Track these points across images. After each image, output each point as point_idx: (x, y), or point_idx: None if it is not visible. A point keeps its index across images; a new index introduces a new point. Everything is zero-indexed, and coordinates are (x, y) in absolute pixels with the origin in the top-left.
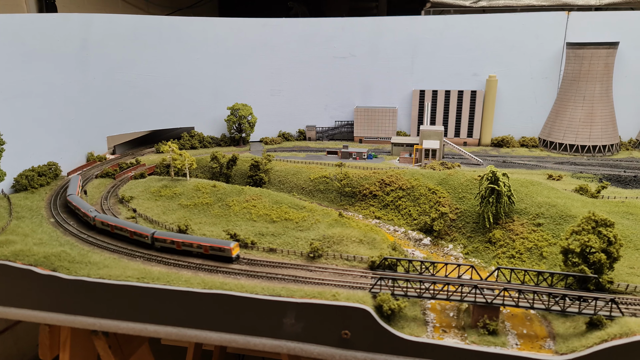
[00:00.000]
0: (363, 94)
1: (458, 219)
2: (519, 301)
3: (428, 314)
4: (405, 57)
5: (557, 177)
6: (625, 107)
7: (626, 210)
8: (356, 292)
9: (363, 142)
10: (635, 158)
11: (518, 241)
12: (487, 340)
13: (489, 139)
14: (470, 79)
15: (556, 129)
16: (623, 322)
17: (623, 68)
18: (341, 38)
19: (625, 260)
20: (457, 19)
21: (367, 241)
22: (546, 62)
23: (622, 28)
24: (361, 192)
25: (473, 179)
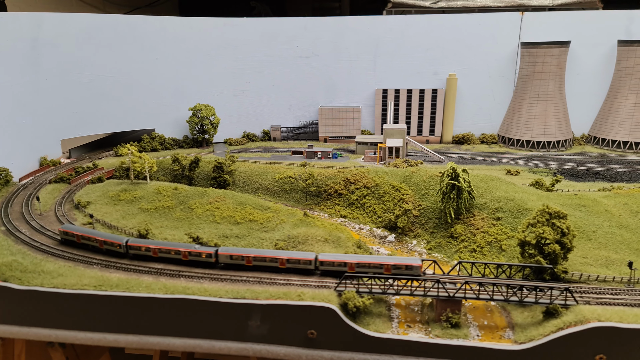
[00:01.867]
0: (327, 93)
1: (421, 215)
2: (479, 293)
3: (393, 310)
4: (367, 56)
5: (515, 172)
6: (577, 103)
7: (579, 202)
8: (322, 291)
9: (328, 142)
10: (587, 152)
11: (479, 235)
12: (450, 333)
13: (450, 137)
14: (431, 78)
15: (513, 126)
16: (578, 310)
17: (575, 66)
18: (304, 38)
19: (578, 250)
20: (417, 19)
21: (332, 240)
22: (502, 61)
23: (573, 28)
24: (326, 192)
25: (435, 175)
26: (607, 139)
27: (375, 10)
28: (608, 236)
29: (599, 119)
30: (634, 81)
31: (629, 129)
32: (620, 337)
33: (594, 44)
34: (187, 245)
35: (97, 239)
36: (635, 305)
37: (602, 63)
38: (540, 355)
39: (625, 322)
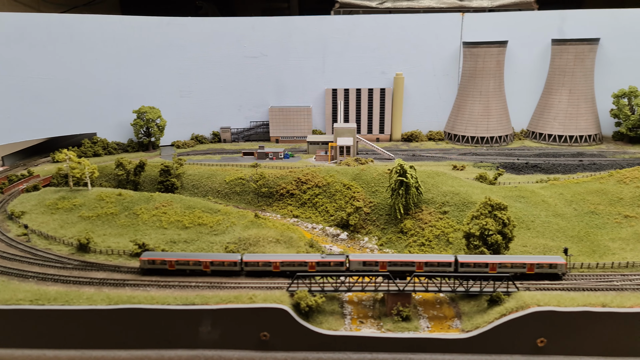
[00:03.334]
0: (277, 93)
1: (372, 212)
2: (428, 286)
3: (346, 307)
4: (316, 56)
5: (461, 167)
6: (516, 100)
7: (518, 194)
8: (273, 292)
9: (280, 142)
10: (526, 146)
11: (427, 229)
12: (401, 327)
13: (399, 134)
14: (379, 77)
15: (458, 123)
16: (519, 297)
17: (513, 64)
18: (252, 38)
19: (519, 240)
20: (363, 19)
21: (284, 240)
22: (446, 60)
23: (511, 28)
24: (278, 192)
25: (384, 173)
26: (544, 133)
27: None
28: (545, 225)
29: (536, 115)
30: (566, 78)
31: (563, 124)
32: (559, 320)
33: (530, 43)
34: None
35: (201, 261)
36: (571, 290)
37: (538, 61)
38: (486, 342)
39: (563, 305)
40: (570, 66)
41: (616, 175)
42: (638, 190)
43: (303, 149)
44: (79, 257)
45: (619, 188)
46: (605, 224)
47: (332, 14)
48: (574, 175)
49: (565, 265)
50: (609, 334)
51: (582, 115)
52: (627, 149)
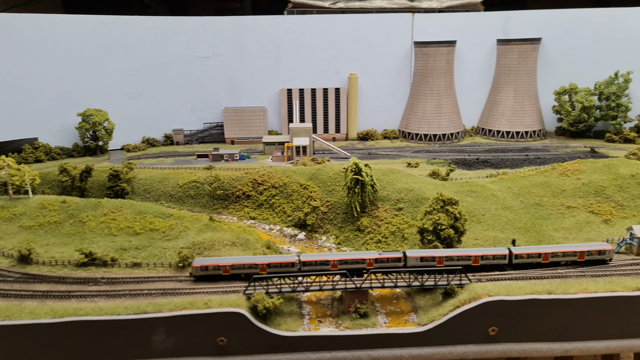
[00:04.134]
0: (231, 94)
1: (329, 211)
2: (384, 282)
3: (304, 307)
4: (269, 56)
5: (415, 164)
6: (466, 98)
7: (469, 189)
8: (230, 296)
9: (235, 143)
10: (477, 143)
11: (383, 226)
12: (359, 324)
13: (355, 133)
14: (334, 77)
15: (412, 121)
16: (471, 288)
17: (462, 64)
18: (203, 38)
19: (470, 233)
20: (315, 19)
21: (240, 243)
22: (398, 59)
23: (459, 28)
24: (234, 194)
25: (340, 171)
26: (492, 130)
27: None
28: (495, 218)
29: (485, 112)
30: (511, 77)
31: (510, 120)
32: (508, 308)
33: (477, 43)
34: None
35: (257, 263)
36: (519, 279)
37: (485, 60)
38: (441, 334)
39: (511, 294)
40: (515, 65)
41: (559, 168)
42: (579, 182)
43: (259, 150)
44: (20, 269)
45: (562, 180)
46: (549, 214)
47: (286, 13)
48: (521, 170)
49: (612, 251)
50: (556, 320)
51: (527, 112)
52: (569, 143)
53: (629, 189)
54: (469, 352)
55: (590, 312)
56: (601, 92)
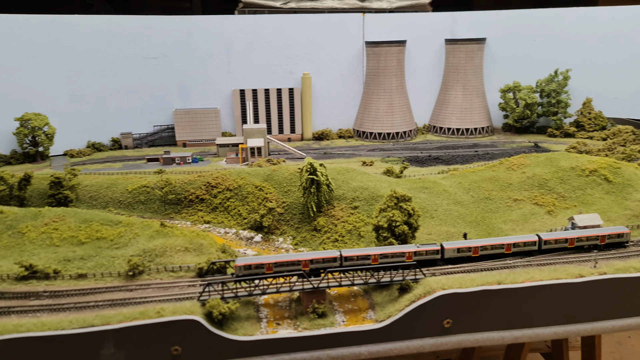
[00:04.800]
0: (182, 96)
1: (286, 212)
2: (341, 281)
3: (262, 310)
4: (220, 56)
5: (370, 162)
6: (417, 97)
7: (422, 185)
8: (184, 303)
9: (187, 146)
10: (429, 140)
11: (339, 225)
12: (318, 324)
13: (310, 133)
14: (287, 77)
15: (366, 120)
16: (425, 283)
17: (412, 63)
18: (150, 37)
19: (424, 228)
20: (267, 19)
21: (193, 248)
22: (351, 59)
23: (408, 28)
24: (187, 198)
25: (296, 172)
26: (443, 127)
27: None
28: (447, 213)
29: (436, 110)
30: (460, 75)
31: (460, 118)
32: (461, 300)
33: (426, 43)
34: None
35: (300, 260)
36: (472, 271)
37: (434, 59)
38: (398, 328)
39: (464, 287)
40: (462, 64)
41: (505, 163)
42: (524, 176)
43: (213, 152)
44: None
45: (508, 174)
46: (498, 208)
47: (236, 13)
48: (471, 165)
49: (629, 234)
50: (506, 309)
51: (475, 109)
52: (515, 139)
53: (570, 180)
54: (425, 345)
55: (538, 300)
56: (542, 89)
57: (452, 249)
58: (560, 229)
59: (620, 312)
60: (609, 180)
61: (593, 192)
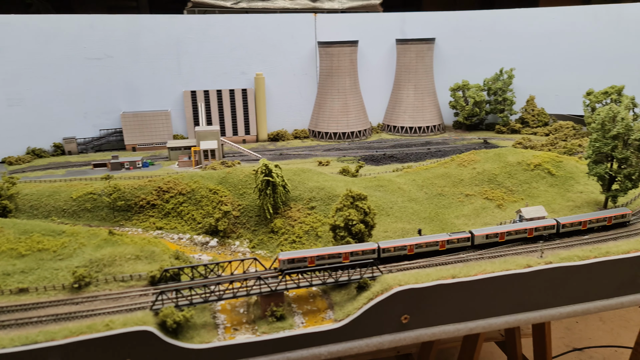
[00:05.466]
0: (129, 98)
1: (241, 215)
2: (299, 282)
3: (218, 317)
4: (170, 57)
5: (326, 162)
6: (371, 96)
7: (377, 183)
8: (135, 314)
9: (137, 150)
10: (383, 139)
11: (297, 226)
12: (277, 327)
13: (265, 134)
14: (240, 78)
15: (321, 120)
16: (383, 280)
17: (365, 63)
18: (93, 37)
19: (380, 226)
20: (217, 19)
21: (145, 256)
22: (304, 59)
23: (360, 28)
24: (137, 204)
25: (251, 174)
26: (397, 126)
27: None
28: (402, 210)
29: (389, 109)
30: (411, 75)
31: (412, 116)
32: (418, 296)
33: (378, 43)
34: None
35: (340, 252)
36: (427, 266)
37: (386, 59)
38: (358, 327)
39: (420, 282)
40: (413, 64)
41: (457, 160)
42: (474, 172)
43: (164, 156)
44: None
45: (460, 170)
46: (450, 203)
47: (185, 13)
48: (424, 162)
49: (631, 214)
50: (461, 302)
51: (427, 107)
52: (465, 136)
53: (517, 175)
54: (384, 342)
55: (490, 291)
56: (489, 87)
57: (481, 235)
58: (509, 222)
59: (567, 299)
60: (552, 174)
61: (538, 185)
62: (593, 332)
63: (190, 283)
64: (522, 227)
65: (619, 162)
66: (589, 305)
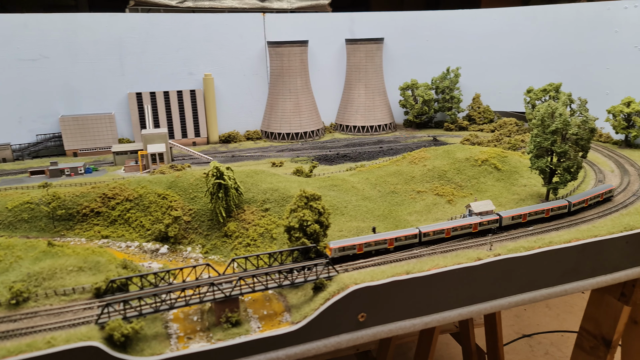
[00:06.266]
0: (68, 101)
1: (193, 220)
2: (255, 286)
3: (171, 326)
4: (111, 57)
5: (279, 163)
6: (323, 96)
7: (331, 183)
8: (79, 329)
9: (79, 155)
10: (336, 139)
11: (251, 229)
12: (232, 333)
13: (216, 136)
14: (188, 79)
15: (273, 120)
16: (339, 279)
17: (315, 63)
18: (26, 37)
19: (335, 226)
20: (162, 18)
21: (89, 267)
22: (254, 59)
23: (310, 28)
24: (80, 212)
25: (202, 177)
26: (349, 125)
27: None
28: (356, 209)
29: (341, 109)
30: (361, 74)
31: (364, 116)
32: (374, 293)
33: (328, 43)
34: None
35: (386, 239)
36: (382, 264)
37: (336, 59)
38: (315, 328)
39: (376, 279)
40: (363, 63)
41: (408, 157)
42: (425, 169)
43: (109, 161)
44: None
45: (411, 168)
46: (403, 200)
47: (127, 11)
48: (377, 161)
49: (614, 189)
50: (415, 297)
51: (378, 107)
52: (415, 134)
53: (465, 171)
54: (342, 341)
55: (443, 285)
56: (437, 86)
57: (508, 217)
58: (459, 217)
59: (516, 288)
60: (498, 169)
61: (485, 180)
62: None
63: (139, 293)
64: (540, 208)
65: (558, 156)
66: (536, 294)
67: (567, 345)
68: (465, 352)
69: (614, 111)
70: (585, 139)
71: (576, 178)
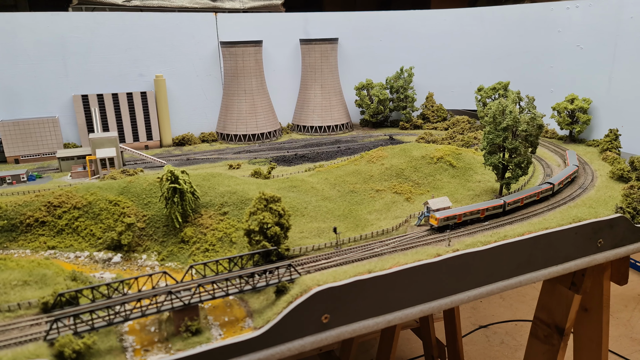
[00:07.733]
0: (8, 105)
1: (147, 227)
2: (215, 292)
3: (126, 339)
4: (54, 58)
5: (237, 165)
6: (279, 97)
7: (291, 184)
8: (26, 346)
9: (21, 162)
10: (294, 139)
11: (209, 234)
12: (192, 342)
13: (170, 139)
14: (138, 80)
15: (229, 122)
16: (301, 281)
17: (270, 63)
18: None
19: (296, 227)
20: (108, 17)
21: (34, 280)
22: (206, 60)
23: (263, 28)
24: (24, 223)
25: (156, 182)
26: (306, 125)
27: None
28: (316, 209)
29: (298, 109)
30: (317, 75)
31: (321, 115)
32: (336, 294)
33: (282, 43)
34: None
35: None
36: (344, 264)
37: (292, 59)
38: (278, 332)
39: (338, 280)
40: (318, 64)
41: (366, 157)
42: (383, 167)
43: (54, 167)
44: None
45: (369, 167)
46: (362, 199)
47: (71, 10)
48: (335, 161)
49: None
50: (378, 295)
51: (334, 107)
52: (372, 133)
53: (422, 168)
54: (306, 344)
55: (404, 282)
56: (392, 86)
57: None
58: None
59: (474, 282)
60: (453, 166)
61: (441, 177)
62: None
63: (90, 306)
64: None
65: (509, 152)
66: (493, 287)
67: (521, 333)
68: (426, 346)
69: (559, 108)
70: (534, 135)
71: (527, 173)
